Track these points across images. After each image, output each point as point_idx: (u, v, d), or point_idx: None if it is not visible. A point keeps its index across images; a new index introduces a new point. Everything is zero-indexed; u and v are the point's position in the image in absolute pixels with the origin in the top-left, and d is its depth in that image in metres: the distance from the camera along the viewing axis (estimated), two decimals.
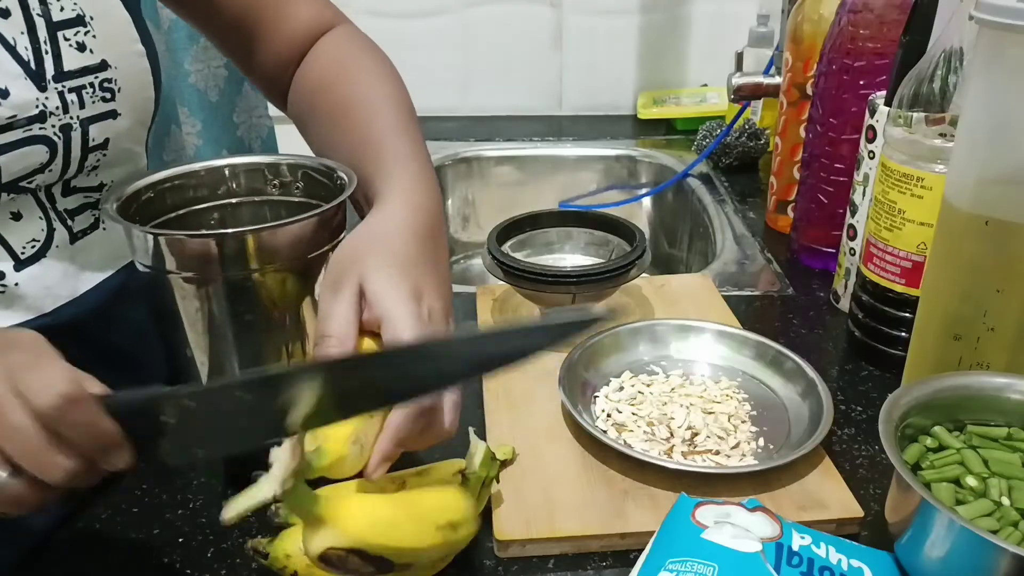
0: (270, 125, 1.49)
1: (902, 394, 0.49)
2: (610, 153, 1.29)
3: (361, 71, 0.63)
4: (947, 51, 0.59)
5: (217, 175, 0.60)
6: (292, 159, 0.61)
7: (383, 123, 0.57)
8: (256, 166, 0.61)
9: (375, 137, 0.56)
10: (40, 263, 0.52)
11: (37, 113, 0.49)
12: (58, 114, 0.50)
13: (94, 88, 0.51)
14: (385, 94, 0.60)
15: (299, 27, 0.65)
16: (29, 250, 0.51)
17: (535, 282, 0.68)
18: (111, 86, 0.53)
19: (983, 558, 0.41)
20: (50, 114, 0.49)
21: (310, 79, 0.65)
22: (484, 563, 0.50)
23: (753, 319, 0.78)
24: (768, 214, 0.99)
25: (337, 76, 0.63)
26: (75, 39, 0.50)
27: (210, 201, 0.60)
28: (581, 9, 1.37)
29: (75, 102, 0.51)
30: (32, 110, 0.48)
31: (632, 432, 0.59)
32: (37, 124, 0.49)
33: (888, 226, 0.65)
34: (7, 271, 0.50)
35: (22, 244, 0.51)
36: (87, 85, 0.51)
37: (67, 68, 0.50)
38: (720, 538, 0.44)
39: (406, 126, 0.58)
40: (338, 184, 0.57)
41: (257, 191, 0.61)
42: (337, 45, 0.66)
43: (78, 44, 0.50)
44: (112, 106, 0.53)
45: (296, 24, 0.65)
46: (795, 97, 0.92)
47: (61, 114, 0.50)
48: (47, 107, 0.49)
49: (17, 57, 0.47)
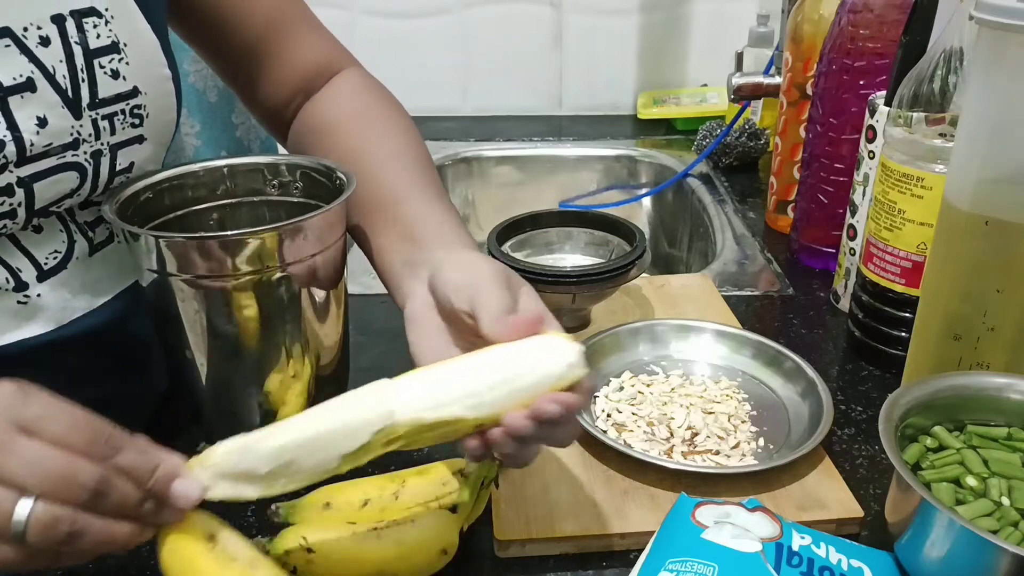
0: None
1: (902, 394, 0.49)
2: (610, 153, 1.29)
3: (386, 126, 0.63)
4: (947, 51, 0.59)
5: (216, 175, 0.60)
6: (291, 159, 0.61)
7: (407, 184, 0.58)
8: (255, 166, 0.61)
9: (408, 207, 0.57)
10: (61, 274, 0.52)
11: (71, 140, 0.49)
12: (90, 141, 0.50)
13: (125, 115, 0.52)
14: (411, 154, 0.61)
15: (308, 64, 0.65)
16: (51, 261, 0.52)
17: (535, 282, 0.68)
18: (140, 112, 0.53)
19: (983, 558, 0.41)
20: (83, 141, 0.50)
21: (323, 119, 0.65)
22: (484, 563, 0.50)
23: (753, 319, 0.78)
24: (768, 214, 0.99)
25: (359, 126, 0.63)
26: (109, 67, 0.51)
27: (209, 202, 0.60)
28: (581, 9, 1.37)
29: (107, 129, 0.51)
30: (67, 138, 0.49)
31: (632, 432, 0.59)
32: (71, 151, 0.49)
33: (888, 226, 0.65)
34: (31, 282, 0.51)
35: (44, 256, 0.51)
36: (119, 112, 0.52)
37: (101, 96, 0.50)
38: (720, 538, 0.44)
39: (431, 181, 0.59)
40: (337, 184, 0.57)
41: (256, 191, 0.61)
42: (354, 90, 0.66)
43: (112, 72, 0.51)
44: (140, 131, 0.54)
45: (305, 61, 0.65)
46: (795, 97, 0.92)
47: (93, 140, 0.50)
48: (80, 134, 0.49)
49: (56, 86, 0.48)
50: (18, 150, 0.46)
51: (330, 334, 0.57)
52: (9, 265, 0.49)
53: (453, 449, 0.46)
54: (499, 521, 0.51)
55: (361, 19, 1.36)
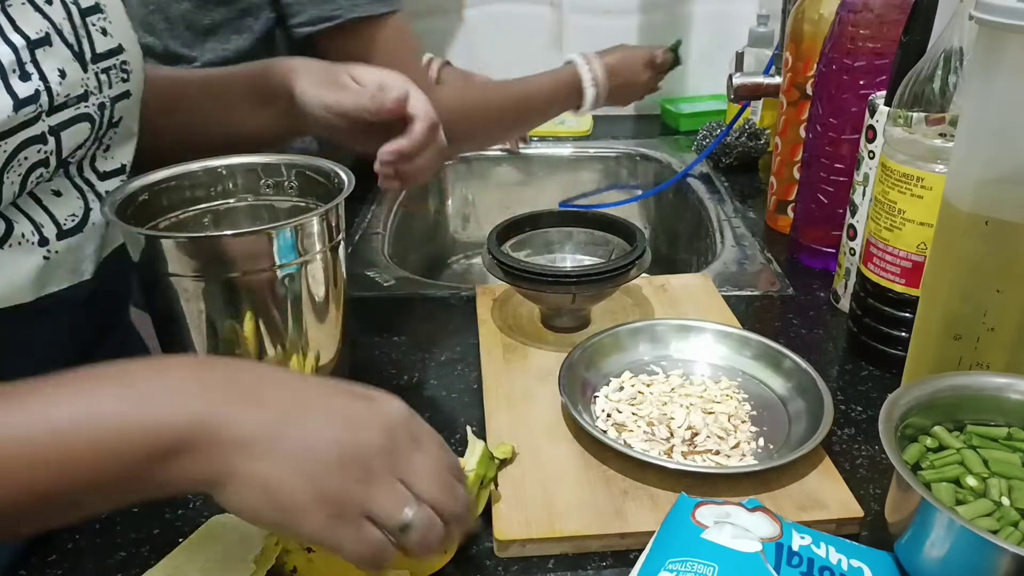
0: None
1: (902, 394, 0.49)
2: (610, 153, 1.29)
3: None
4: (947, 51, 0.59)
5: (212, 176, 0.60)
6: (287, 159, 0.61)
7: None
8: (251, 166, 0.61)
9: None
10: (77, 236, 0.55)
11: (83, 92, 0.52)
12: (96, 93, 0.54)
13: (117, 70, 0.56)
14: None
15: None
16: (70, 223, 0.54)
17: (535, 282, 0.68)
18: (127, 68, 0.57)
19: (983, 558, 0.41)
20: (90, 93, 0.53)
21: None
22: (484, 563, 0.50)
23: (753, 319, 0.78)
24: (768, 214, 0.99)
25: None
26: (100, 24, 0.54)
27: (206, 202, 0.60)
28: (581, 9, 1.37)
29: (106, 82, 0.55)
30: (80, 90, 0.52)
31: (632, 432, 0.59)
32: (83, 103, 0.53)
33: (888, 226, 0.65)
34: (51, 238, 0.53)
35: (64, 217, 0.54)
36: (112, 67, 0.55)
37: (98, 51, 0.54)
38: (720, 538, 0.44)
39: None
40: (335, 184, 0.57)
41: (252, 191, 0.61)
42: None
43: (102, 30, 0.55)
44: (128, 87, 0.57)
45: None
46: (795, 97, 0.92)
47: (98, 93, 0.54)
48: (88, 87, 0.53)
49: (65, 41, 0.51)
50: (49, 99, 0.49)
51: (330, 333, 0.57)
52: (33, 220, 0.52)
53: (452, 448, 0.46)
54: (499, 521, 0.51)
55: None
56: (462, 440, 0.61)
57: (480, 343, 0.71)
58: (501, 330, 0.73)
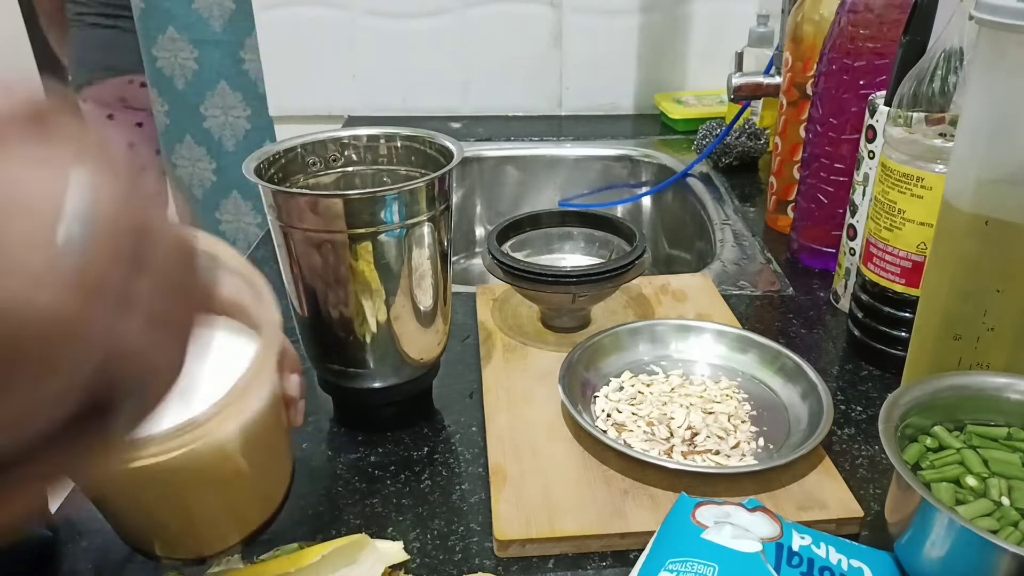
0: (247, 127, 1.56)
1: (902, 394, 0.49)
2: (610, 153, 1.29)
3: None
4: (947, 51, 0.59)
5: (338, 144, 0.65)
6: (404, 130, 0.65)
7: None
8: (373, 137, 0.66)
9: None
10: None
11: None
12: None
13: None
14: None
15: None
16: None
17: (535, 282, 0.68)
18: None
19: (983, 558, 0.41)
20: None
21: None
22: (484, 563, 0.50)
23: (753, 319, 0.78)
24: (768, 214, 0.99)
25: None
26: None
27: (328, 168, 0.65)
28: (581, 9, 1.37)
29: None
30: None
31: (632, 432, 0.59)
32: None
33: (888, 226, 0.65)
34: None
35: None
36: None
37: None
38: (720, 538, 0.44)
39: None
40: (446, 157, 0.61)
41: (371, 161, 0.66)
42: None
43: None
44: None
45: None
46: (795, 97, 0.92)
47: None
48: None
49: None
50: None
51: (439, 287, 0.60)
52: None
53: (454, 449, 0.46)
54: (499, 521, 0.51)
55: (361, 19, 1.36)
56: (463, 440, 0.61)
57: (480, 343, 0.71)
58: (501, 330, 0.73)
